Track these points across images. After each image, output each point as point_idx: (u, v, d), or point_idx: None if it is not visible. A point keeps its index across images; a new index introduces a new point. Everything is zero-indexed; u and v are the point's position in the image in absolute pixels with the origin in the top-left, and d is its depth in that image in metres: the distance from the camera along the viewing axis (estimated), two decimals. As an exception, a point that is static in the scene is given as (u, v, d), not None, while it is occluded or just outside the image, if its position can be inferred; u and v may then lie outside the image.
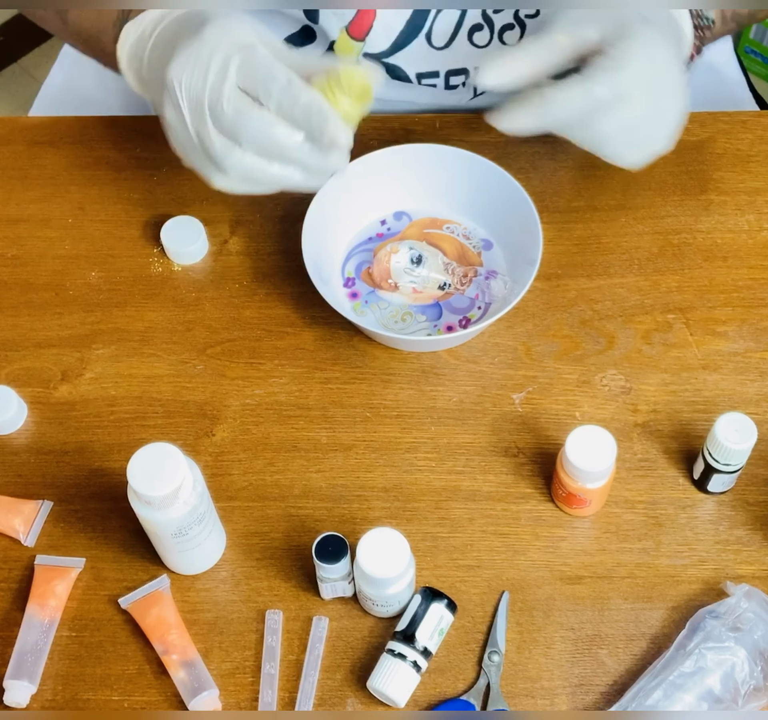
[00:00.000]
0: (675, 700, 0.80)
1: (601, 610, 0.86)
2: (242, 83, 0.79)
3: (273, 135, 0.79)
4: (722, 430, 0.84)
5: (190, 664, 0.84)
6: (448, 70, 1.06)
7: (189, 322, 0.99)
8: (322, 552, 0.82)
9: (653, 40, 0.83)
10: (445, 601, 0.84)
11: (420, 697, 0.83)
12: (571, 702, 0.83)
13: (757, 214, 1.02)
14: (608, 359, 0.96)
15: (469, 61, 1.05)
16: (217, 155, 0.81)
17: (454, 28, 1.02)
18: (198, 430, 0.94)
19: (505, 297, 0.96)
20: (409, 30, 1.02)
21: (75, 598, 0.87)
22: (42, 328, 0.99)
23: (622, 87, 0.81)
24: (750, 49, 1.85)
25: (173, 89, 0.81)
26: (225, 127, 0.80)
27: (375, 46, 1.03)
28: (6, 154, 1.08)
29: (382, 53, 1.04)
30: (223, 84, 0.79)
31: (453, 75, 1.06)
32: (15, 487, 0.92)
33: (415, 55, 1.04)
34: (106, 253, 1.02)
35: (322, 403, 0.95)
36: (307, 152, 0.79)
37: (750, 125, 1.07)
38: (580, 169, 1.06)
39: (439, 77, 1.06)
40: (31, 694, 0.84)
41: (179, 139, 0.84)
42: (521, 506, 0.90)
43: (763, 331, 0.97)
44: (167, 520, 0.80)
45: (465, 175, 0.99)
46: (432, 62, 1.05)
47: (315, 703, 0.83)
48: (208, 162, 0.83)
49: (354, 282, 0.99)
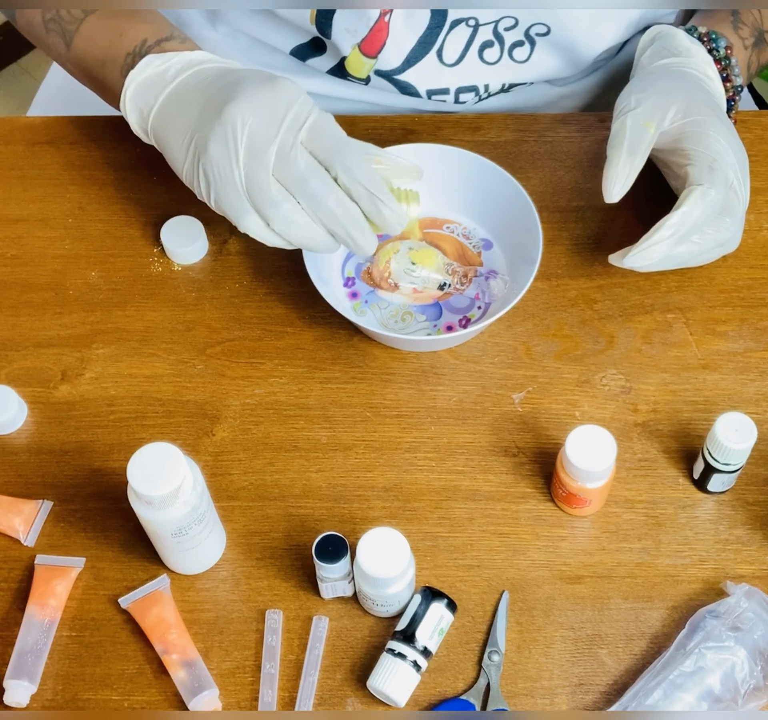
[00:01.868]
0: (675, 699, 0.80)
1: (601, 610, 0.86)
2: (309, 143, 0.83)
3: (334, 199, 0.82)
4: (722, 430, 0.84)
5: (190, 664, 0.84)
6: (459, 87, 1.06)
7: (189, 322, 0.99)
8: (322, 552, 0.82)
9: (728, 131, 0.91)
10: (445, 601, 0.84)
11: (420, 696, 0.83)
12: (571, 702, 0.83)
13: (757, 214, 1.02)
14: (608, 359, 0.96)
15: (479, 79, 1.06)
16: (269, 200, 0.83)
17: (465, 44, 1.03)
18: (198, 429, 0.94)
19: (505, 297, 0.96)
20: (420, 47, 1.02)
21: (75, 598, 0.87)
22: (42, 328, 0.99)
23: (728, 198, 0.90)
24: (750, 49, 1.85)
25: (234, 128, 0.83)
26: (287, 178, 0.82)
27: (387, 64, 1.03)
28: (6, 154, 1.08)
29: (394, 70, 1.04)
30: (296, 138, 0.82)
31: (463, 92, 1.06)
32: (15, 486, 0.92)
33: (425, 72, 1.04)
34: (106, 252, 1.02)
35: (322, 402, 0.95)
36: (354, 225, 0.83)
37: (750, 125, 1.07)
38: (580, 169, 1.06)
39: (449, 94, 1.06)
40: (31, 694, 0.83)
41: (216, 175, 0.84)
42: (521, 506, 0.90)
43: (763, 330, 0.97)
44: (167, 520, 0.80)
45: (465, 175, 0.99)
46: (442, 79, 1.05)
47: (315, 703, 0.83)
48: (246, 204, 0.84)
49: (354, 282, 0.99)
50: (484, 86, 1.06)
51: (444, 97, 1.07)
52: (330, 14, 0.99)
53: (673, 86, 0.92)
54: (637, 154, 0.88)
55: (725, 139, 0.89)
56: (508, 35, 1.03)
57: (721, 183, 0.87)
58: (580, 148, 1.07)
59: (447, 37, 1.02)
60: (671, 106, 0.90)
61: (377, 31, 1.00)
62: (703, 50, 0.96)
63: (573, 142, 1.07)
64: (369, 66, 1.04)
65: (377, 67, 1.04)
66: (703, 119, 0.90)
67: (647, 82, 0.93)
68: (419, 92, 1.06)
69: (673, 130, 0.90)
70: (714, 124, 0.90)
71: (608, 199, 0.88)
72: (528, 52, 1.04)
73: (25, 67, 2.22)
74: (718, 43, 0.96)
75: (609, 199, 0.88)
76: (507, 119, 1.08)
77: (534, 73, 1.07)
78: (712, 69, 0.96)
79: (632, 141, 0.88)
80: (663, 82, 0.92)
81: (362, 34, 1.00)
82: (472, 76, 1.06)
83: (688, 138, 0.90)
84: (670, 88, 0.91)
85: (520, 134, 1.07)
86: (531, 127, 1.08)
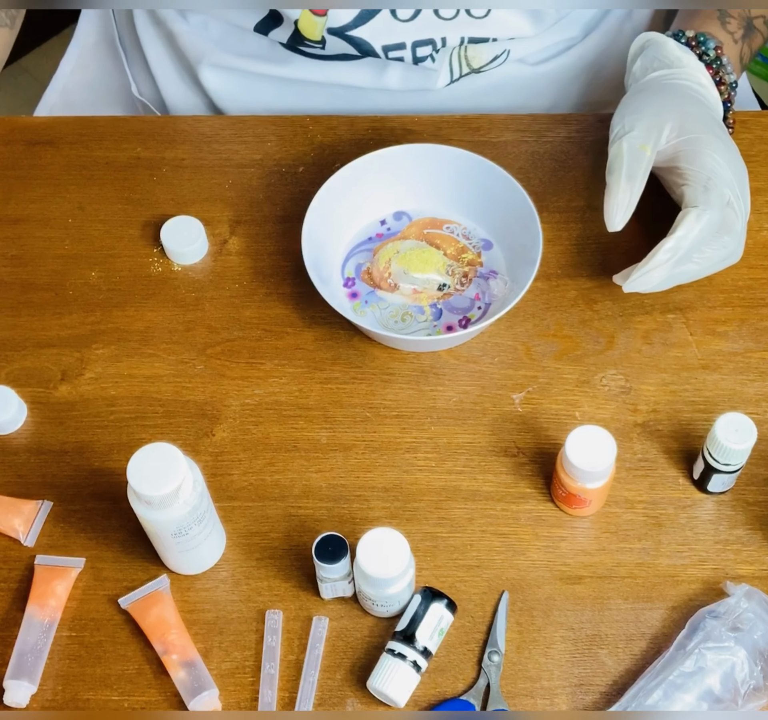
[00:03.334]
0: (675, 700, 0.80)
1: (601, 610, 0.86)
2: None
3: None
4: (722, 430, 0.84)
5: (190, 664, 0.84)
6: (415, 41, 1.05)
7: (189, 322, 0.99)
8: (322, 552, 0.82)
9: (724, 147, 0.91)
10: (445, 601, 0.84)
11: (420, 697, 0.83)
12: (571, 702, 0.83)
13: (757, 215, 1.02)
14: (608, 359, 0.96)
15: (435, 32, 1.05)
16: None
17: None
18: (198, 430, 0.94)
19: (505, 297, 0.96)
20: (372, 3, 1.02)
21: (75, 598, 0.87)
22: (42, 328, 0.99)
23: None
24: (750, 49, 1.85)
25: None
26: None
27: (338, 20, 1.03)
28: (6, 154, 1.08)
29: (346, 26, 1.04)
30: None
31: (420, 46, 1.06)
32: (15, 487, 0.92)
33: (379, 27, 1.04)
34: (105, 253, 1.02)
35: (322, 403, 0.95)
36: None
37: (750, 125, 1.07)
38: (580, 169, 1.06)
39: (405, 49, 1.06)
40: (31, 694, 0.84)
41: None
42: (521, 506, 0.90)
43: (763, 331, 0.97)
44: (167, 520, 0.80)
45: (465, 175, 0.99)
46: (397, 34, 1.05)
47: (315, 703, 0.83)
48: None
49: (354, 282, 0.99)
50: (441, 39, 1.05)
51: (401, 52, 1.06)
52: None
53: (667, 104, 0.92)
54: (636, 179, 0.88)
55: (721, 156, 0.89)
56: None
57: (717, 203, 0.88)
58: (580, 148, 1.07)
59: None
60: (665, 125, 0.90)
61: None
62: (694, 58, 0.96)
63: (573, 142, 1.07)
64: (321, 25, 1.04)
65: (329, 24, 1.03)
66: (698, 137, 0.90)
67: (640, 101, 0.93)
68: (375, 49, 1.05)
69: (669, 148, 0.90)
70: (709, 142, 0.90)
71: (611, 228, 0.89)
72: (485, 11, 1.04)
73: (25, 67, 2.22)
74: (707, 45, 0.96)
75: (612, 228, 0.89)
76: (507, 119, 1.08)
77: (494, 29, 1.05)
78: (705, 76, 0.96)
79: (630, 166, 0.88)
80: (656, 101, 0.92)
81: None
82: (428, 30, 1.05)
83: (683, 157, 0.90)
84: (663, 107, 0.91)
85: (520, 134, 1.07)
86: (531, 127, 1.08)
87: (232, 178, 1.06)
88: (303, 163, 1.07)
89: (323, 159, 1.06)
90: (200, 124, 1.10)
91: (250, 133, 1.09)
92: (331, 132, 1.08)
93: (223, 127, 1.09)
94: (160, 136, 1.09)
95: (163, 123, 1.10)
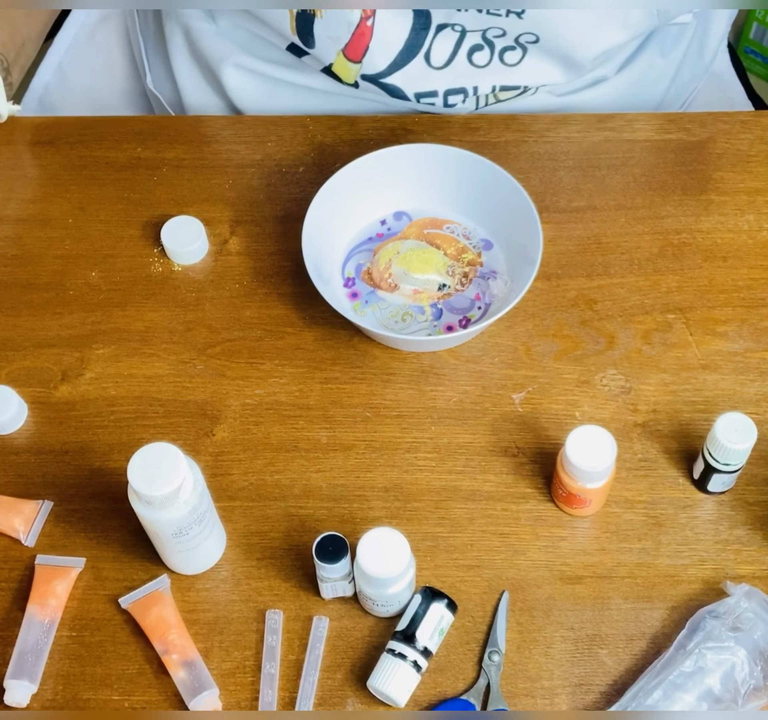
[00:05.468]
0: (675, 699, 0.80)
1: (601, 610, 0.86)
2: None
3: None
4: (722, 430, 0.84)
5: (191, 664, 0.84)
6: (447, 89, 1.05)
7: (189, 322, 0.99)
8: (322, 552, 0.82)
9: None
10: (445, 601, 0.84)
11: (420, 696, 0.83)
12: (571, 702, 0.83)
13: (757, 214, 1.02)
14: (608, 359, 0.96)
15: (468, 81, 1.05)
16: None
17: (453, 47, 1.02)
18: (198, 430, 0.94)
19: (505, 297, 0.96)
20: (407, 50, 1.02)
21: (75, 598, 0.87)
22: (42, 328, 0.99)
23: None
24: (750, 49, 1.85)
25: None
26: None
27: (372, 67, 1.03)
28: (6, 154, 1.08)
29: (380, 74, 1.03)
30: None
31: (451, 94, 1.06)
32: (15, 487, 0.92)
33: (413, 75, 1.04)
34: (106, 253, 1.03)
35: (322, 403, 0.95)
36: None
37: (750, 125, 1.07)
38: (580, 169, 1.06)
39: (437, 96, 1.06)
40: (32, 694, 0.84)
41: None
42: (521, 506, 0.90)
43: (763, 331, 0.97)
44: (167, 520, 0.80)
45: (465, 175, 0.99)
46: (431, 82, 1.05)
47: (315, 703, 0.83)
48: None
49: (354, 282, 0.99)
50: (473, 88, 1.05)
51: (432, 99, 1.06)
52: (309, 24, 0.99)
53: None
54: None
55: None
56: (498, 41, 1.02)
57: None
58: (580, 148, 1.07)
59: (434, 41, 1.01)
60: None
61: (359, 36, 1.00)
62: None
63: (573, 142, 1.07)
64: (355, 71, 1.03)
65: (363, 71, 1.03)
66: None
67: None
68: (407, 95, 1.05)
69: None
70: None
71: None
72: (519, 57, 1.03)
73: (24, 66, 2.22)
74: None
75: None
76: (507, 119, 1.08)
77: (527, 77, 1.05)
78: None
79: None
80: None
81: (345, 39, 1.00)
82: (461, 79, 1.05)
83: None
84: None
85: (520, 134, 1.07)
86: (531, 127, 1.08)
87: (232, 178, 1.06)
88: (303, 163, 1.07)
89: (323, 159, 1.06)
90: (200, 124, 1.10)
91: (250, 133, 1.09)
92: (331, 132, 1.08)
93: (223, 127, 1.09)
94: (160, 136, 1.09)
95: (163, 123, 1.10)
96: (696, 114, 1.09)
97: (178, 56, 1.15)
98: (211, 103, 1.16)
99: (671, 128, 1.08)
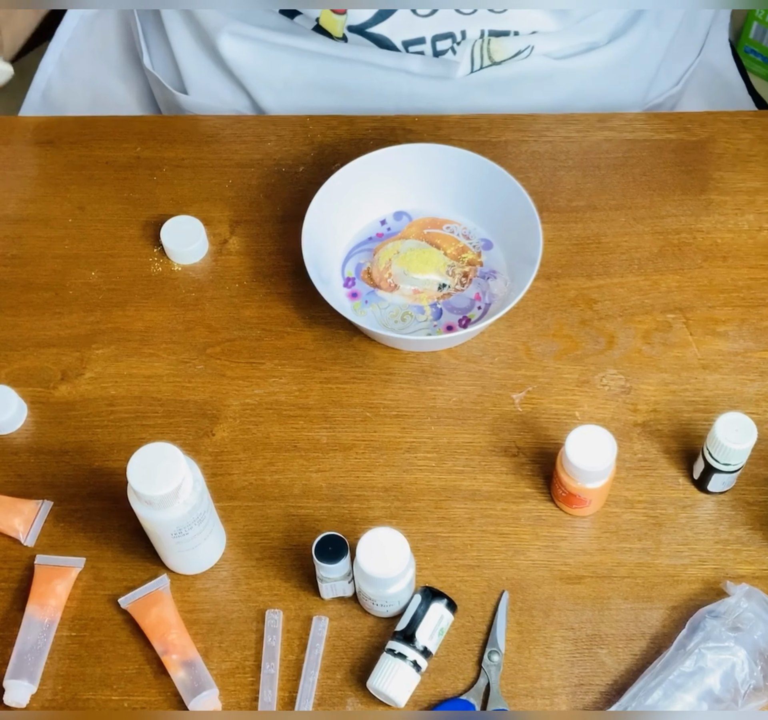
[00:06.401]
0: (675, 699, 0.80)
1: (601, 610, 0.86)
2: None
3: None
4: (722, 430, 0.84)
5: (190, 664, 0.84)
6: (434, 35, 1.05)
7: (189, 322, 0.99)
8: (322, 552, 0.82)
9: None
10: (445, 601, 0.84)
11: (420, 696, 0.83)
12: (571, 702, 0.83)
13: (757, 214, 1.02)
14: (608, 359, 0.96)
15: (455, 25, 1.05)
16: None
17: None
18: (198, 429, 0.94)
19: (505, 297, 0.96)
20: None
21: (75, 598, 0.87)
22: (42, 328, 0.99)
23: None
24: (750, 48, 1.85)
25: None
26: None
27: (357, 18, 1.03)
28: (6, 154, 1.08)
29: (365, 24, 1.04)
30: None
31: (440, 39, 1.05)
32: (15, 486, 0.92)
33: (399, 23, 1.04)
34: (106, 252, 1.02)
35: (322, 402, 0.95)
36: None
37: (750, 125, 1.07)
38: (580, 168, 1.06)
39: (425, 43, 1.06)
40: (31, 694, 0.83)
41: None
42: (521, 506, 0.90)
43: (763, 331, 0.97)
44: (167, 520, 0.80)
45: (465, 175, 0.99)
46: (417, 29, 1.05)
47: (315, 703, 0.83)
48: None
49: (354, 282, 0.99)
50: (461, 32, 1.05)
51: (421, 47, 1.06)
52: None
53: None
54: None
55: None
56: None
57: None
58: (580, 148, 1.07)
59: None
60: None
61: None
62: None
63: (573, 142, 1.07)
64: (341, 23, 1.04)
65: (348, 22, 1.04)
66: None
67: None
68: (395, 44, 1.05)
69: None
70: None
71: None
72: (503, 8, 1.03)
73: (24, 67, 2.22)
74: None
75: None
76: (507, 119, 1.08)
77: (516, 22, 1.05)
78: None
79: None
80: None
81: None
82: (448, 24, 1.04)
83: None
84: None
85: (520, 134, 1.07)
86: (531, 127, 1.08)
87: (232, 178, 1.06)
88: (303, 163, 1.07)
89: (323, 159, 1.06)
90: (200, 124, 1.10)
91: (250, 133, 1.09)
92: (331, 132, 1.08)
93: (223, 127, 1.09)
94: (160, 136, 1.09)
95: (163, 123, 1.10)
96: (696, 114, 1.09)
97: (176, 31, 1.15)
98: (210, 75, 1.15)
99: (671, 128, 1.08)
